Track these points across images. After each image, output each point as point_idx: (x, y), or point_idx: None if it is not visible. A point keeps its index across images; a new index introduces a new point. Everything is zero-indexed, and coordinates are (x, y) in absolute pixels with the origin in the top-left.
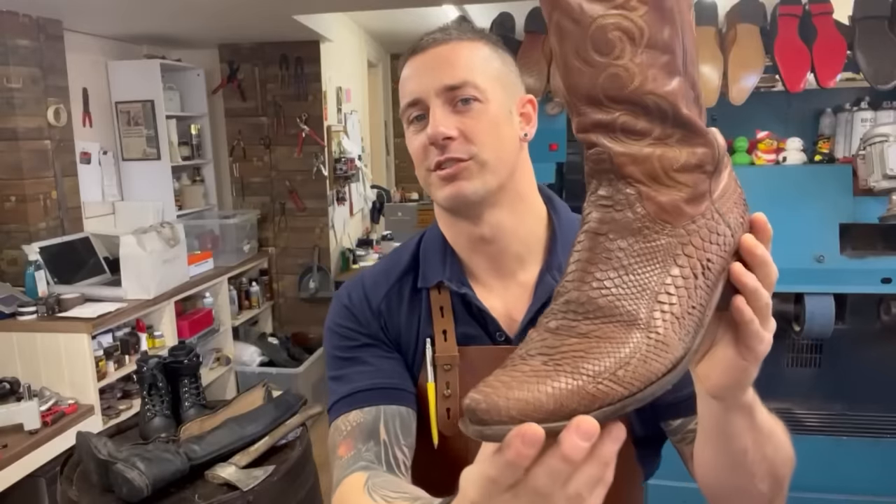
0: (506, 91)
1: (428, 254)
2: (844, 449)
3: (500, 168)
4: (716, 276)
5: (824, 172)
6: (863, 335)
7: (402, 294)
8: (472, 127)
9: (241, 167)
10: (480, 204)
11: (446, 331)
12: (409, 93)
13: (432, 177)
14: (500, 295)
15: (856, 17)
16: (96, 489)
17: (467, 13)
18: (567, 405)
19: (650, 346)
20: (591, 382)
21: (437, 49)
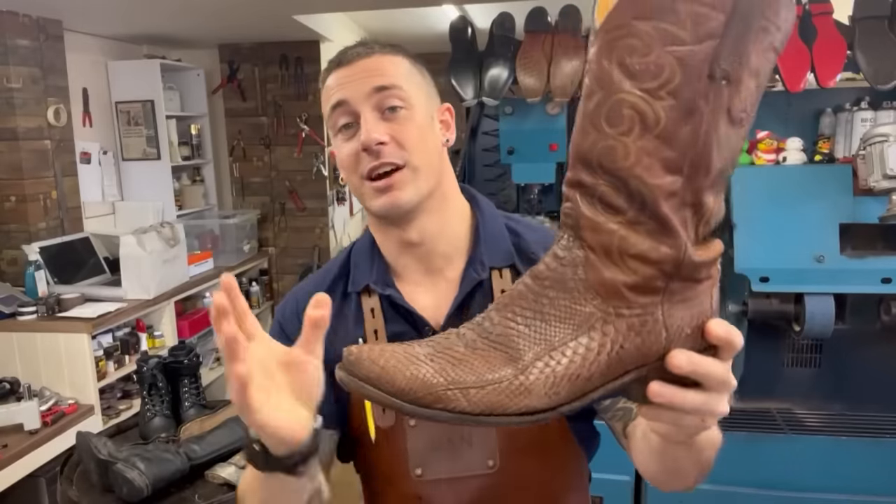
0: (427, 99)
1: (358, 259)
2: (844, 449)
3: (430, 173)
4: (621, 365)
5: (824, 172)
6: (863, 335)
7: (334, 299)
8: (402, 133)
9: (241, 167)
10: (413, 211)
11: (377, 330)
12: (335, 96)
13: (365, 186)
14: (428, 291)
15: (856, 17)
16: (96, 489)
17: (467, 13)
18: (414, 391)
19: (512, 386)
20: (444, 385)
21: (362, 61)
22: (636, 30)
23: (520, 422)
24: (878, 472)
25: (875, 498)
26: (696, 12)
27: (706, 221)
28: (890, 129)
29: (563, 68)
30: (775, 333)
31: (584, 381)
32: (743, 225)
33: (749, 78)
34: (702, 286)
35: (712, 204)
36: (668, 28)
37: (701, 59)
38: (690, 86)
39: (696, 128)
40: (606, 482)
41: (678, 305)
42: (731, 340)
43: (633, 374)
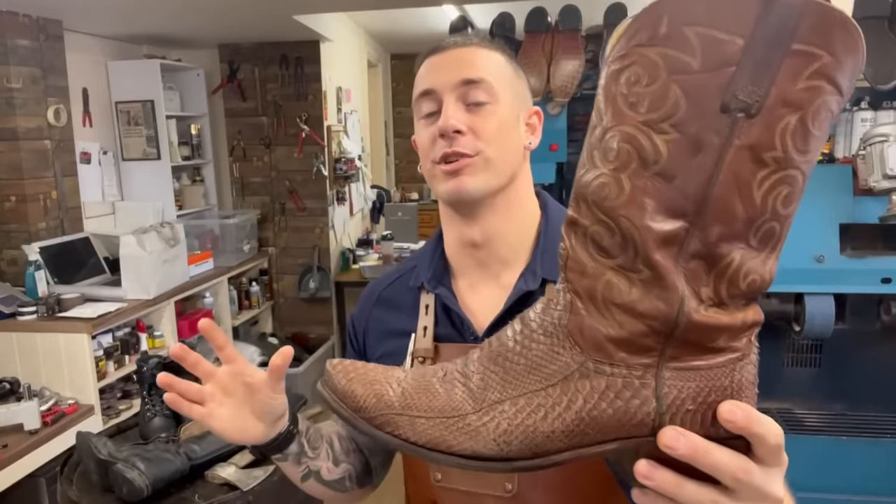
0: (516, 99)
1: (423, 254)
2: (844, 449)
3: (503, 169)
4: (597, 430)
5: (824, 172)
6: (863, 335)
7: (397, 292)
8: (482, 125)
9: (241, 167)
10: (479, 203)
11: (426, 327)
12: (423, 83)
13: (437, 169)
14: (481, 294)
15: (856, 17)
16: (96, 489)
17: (467, 13)
18: (369, 410)
19: (462, 424)
20: (397, 410)
21: (457, 50)
22: (642, 58)
23: (467, 465)
24: (878, 472)
25: (875, 498)
26: (708, 36)
27: (731, 281)
28: (890, 129)
29: (563, 68)
30: (775, 333)
31: (542, 437)
32: None
33: (786, 112)
34: (720, 357)
35: (740, 260)
36: (676, 55)
37: (712, 89)
38: (698, 118)
39: (706, 166)
40: None
41: (681, 374)
42: (750, 430)
43: (615, 445)
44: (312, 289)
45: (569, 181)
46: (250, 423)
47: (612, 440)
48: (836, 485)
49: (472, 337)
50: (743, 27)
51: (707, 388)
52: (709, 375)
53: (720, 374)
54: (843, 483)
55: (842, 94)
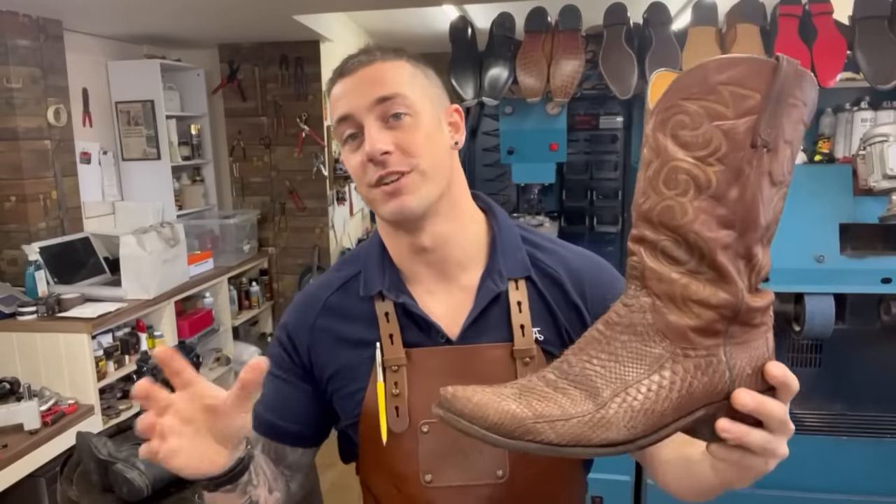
0: (433, 103)
1: (368, 264)
2: (844, 449)
3: (439, 177)
4: (692, 402)
5: (824, 172)
6: (863, 335)
7: (341, 305)
8: (407, 140)
9: (241, 167)
10: (423, 216)
11: (392, 335)
12: (340, 109)
13: (375, 192)
14: (442, 299)
15: (856, 17)
16: (96, 489)
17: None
18: (505, 424)
19: (594, 419)
20: (532, 418)
21: (364, 70)
22: (686, 108)
23: (602, 453)
24: (878, 472)
25: (875, 498)
26: (737, 93)
27: (757, 272)
28: (890, 129)
29: (563, 68)
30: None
31: (658, 416)
32: None
33: (784, 146)
34: (758, 331)
35: (761, 256)
36: (714, 106)
37: (743, 131)
38: (736, 153)
39: (744, 189)
40: (606, 482)
41: (738, 348)
42: (787, 382)
43: (703, 412)
44: None
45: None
46: (211, 452)
47: (701, 408)
48: (836, 485)
49: (444, 340)
50: (760, 86)
51: (756, 355)
52: (755, 345)
53: (760, 344)
54: (843, 483)
55: (806, 129)
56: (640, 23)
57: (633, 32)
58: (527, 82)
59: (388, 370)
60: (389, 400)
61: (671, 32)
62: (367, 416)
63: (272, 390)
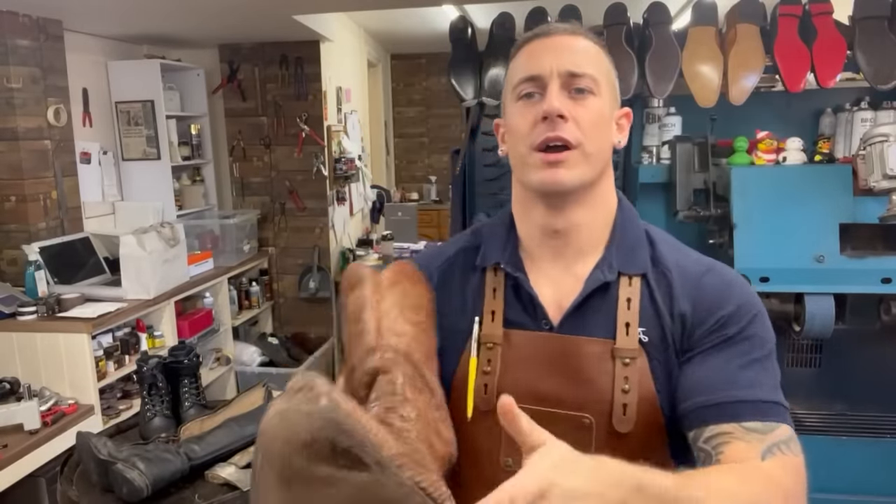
0: (612, 97)
1: (492, 235)
2: (844, 449)
3: (598, 163)
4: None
5: (824, 172)
6: (863, 335)
7: (455, 270)
8: (583, 116)
9: (241, 167)
10: (569, 195)
11: (495, 312)
12: (527, 68)
13: (534, 157)
14: (554, 282)
15: (856, 17)
16: (96, 489)
17: (467, 13)
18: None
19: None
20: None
21: (564, 37)
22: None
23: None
24: (878, 472)
25: (875, 498)
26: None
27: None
28: (890, 129)
29: None
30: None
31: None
32: (743, 225)
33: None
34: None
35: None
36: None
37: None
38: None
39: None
40: None
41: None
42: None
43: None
44: (312, 289)
45: None
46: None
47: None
48: (836, 485)
49: (547, 326)
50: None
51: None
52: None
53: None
54: (843, 483)
55: None
56: (640, 23)
57: (633, 32)
58: None
59: (484, 347)
60: (480, 377)
61: (671, 32)
62: (456, 387)
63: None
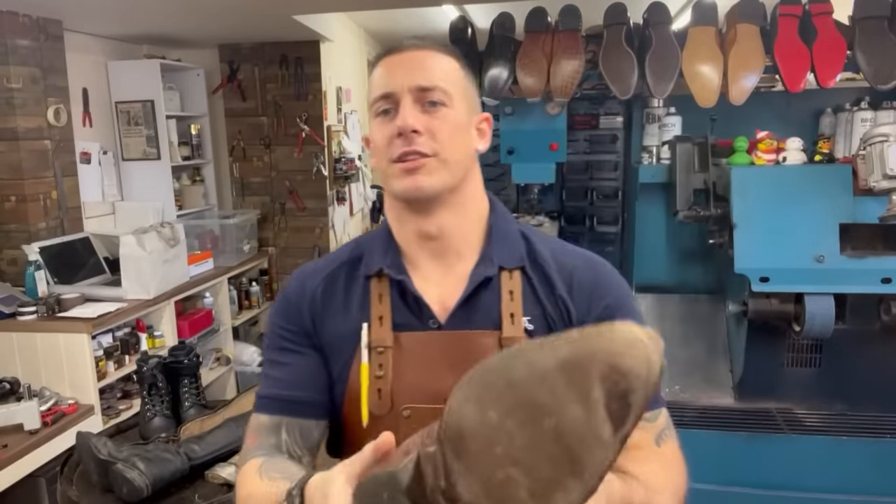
0: (469, 105)
1: (373, 245)
2: (844, 449)
3: (457, 170)
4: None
5: (824, 172)
6: (863, 335)
7: (338, 282)
8: (438, 127)
9: (241, 167)
10: (433, 201)
11: (382, 316)
12: (381, 86)
13: (393, 168)
14: (437, 283)
15: (856, 17)
16: (96, 489)
17: (467, 13)
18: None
19: None
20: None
21: (414, 52)
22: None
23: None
24: (878, 472)
25: (875, 498)
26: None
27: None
28: (890, 129)
29: (563, 68)
30: (775, 333)
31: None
32: (743, 225)
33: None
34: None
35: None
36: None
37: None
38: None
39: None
40: None
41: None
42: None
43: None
44: None
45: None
46: None
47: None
48: (836, 485)
49: (434, 325)
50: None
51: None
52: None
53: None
54: (843, 483)
55: None
56: (640, 23)
57: (633, 32)
58: (527, 82)
59: (374, 352)
60: (373, 382)
61: (671, 32)
62: (350, 397)
63: (285, 365)
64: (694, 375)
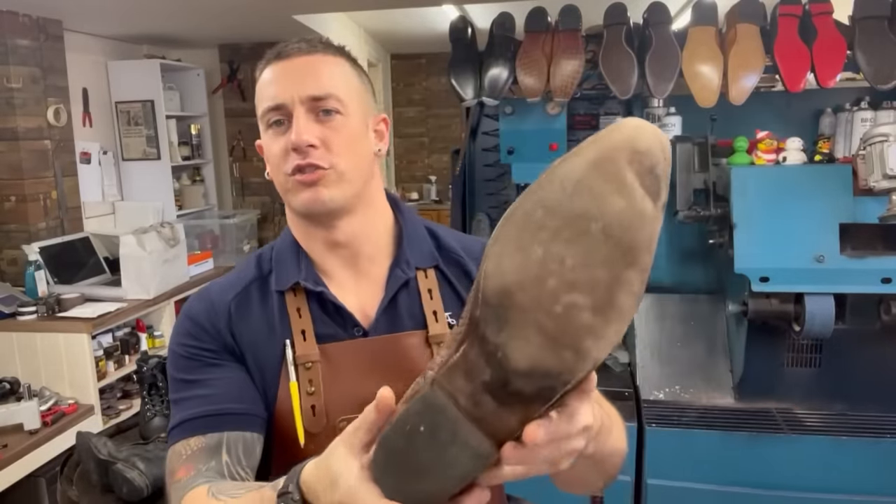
0: (363, 108)
1: (281, 259)
2: (844, 449)
3: (356, 179)
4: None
5: (824, 172)
6: (863, 335)
7: (251, 300)
8: (333, 138)
9: (241, 167)
10: (336, 212)
11: (305, 330)
12: (271, 97)
13: (291, 181)
14: (353, 291)
15: (856, 17)
16: (96, 489)
17: (467, 13)
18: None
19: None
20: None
21: (302, 58)
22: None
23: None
24: (878, 472)
25: (875, 498)
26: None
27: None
28: (890, 129)
29: (563, 68)
30: (775, 333)
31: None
32: (743, 225)
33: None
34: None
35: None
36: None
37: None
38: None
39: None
40: None
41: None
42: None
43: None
44: None
45: None
46: None
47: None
48: (836, 485)
49: (360, 332)
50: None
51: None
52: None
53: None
54: (843, 483)
55: None
56: (640, 23)
57: (633, 32)
58: (527, 82)
59: (302, 367)
60: (305, 399)
61: (671, 32)
62: (280, 416)
63: (211, 381)
64: (694, 375)
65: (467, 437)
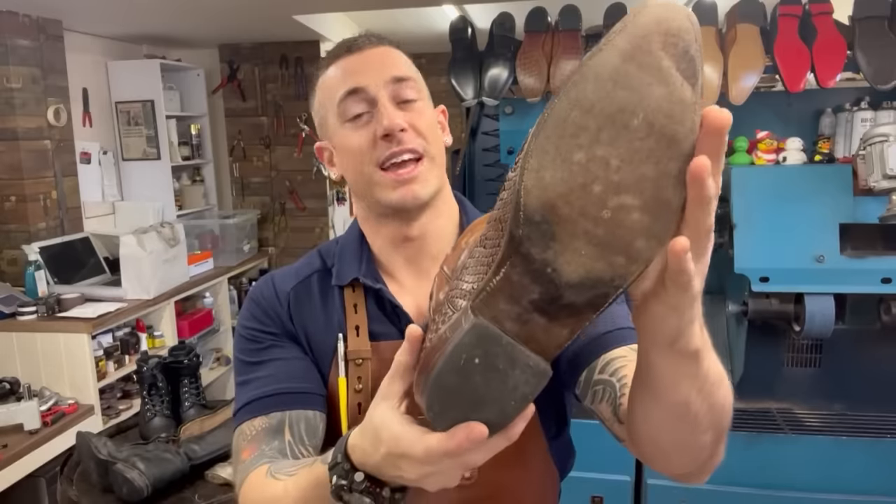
0: (429, 98)
1: (344, 253)
2: (844, 449)
3: (442, 166)
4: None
5: (824, 172)
6: (863, 335)
7: (312, 291)
8: (420, 122)
9: (241, 167)
10: (424, 205)
11: (359, 327)
12: (351, 82)
13: (380, 176)
14: (412, 292)
15: (856, 17)
16: (96, 489)
17: (467, 13)
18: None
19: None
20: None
21: (374, 50)
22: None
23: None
24: (878, 472)
25: (875, 498)
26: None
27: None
28: (890, 129)
29: (563, 68)
30: (775, 333)
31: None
32: (743, 225)
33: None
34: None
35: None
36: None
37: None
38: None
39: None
40: (606, 482)
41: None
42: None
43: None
44: None
45: None
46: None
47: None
48: (836, 485)
49: None
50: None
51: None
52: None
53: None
54: (843, 483)
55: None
56: None
57: None
58: (527, 82)
59: (352, 364)
60: (352, 396)
61: None
62: (331, 407)
63: (274, 361)
64: None
65: (525, 360)
